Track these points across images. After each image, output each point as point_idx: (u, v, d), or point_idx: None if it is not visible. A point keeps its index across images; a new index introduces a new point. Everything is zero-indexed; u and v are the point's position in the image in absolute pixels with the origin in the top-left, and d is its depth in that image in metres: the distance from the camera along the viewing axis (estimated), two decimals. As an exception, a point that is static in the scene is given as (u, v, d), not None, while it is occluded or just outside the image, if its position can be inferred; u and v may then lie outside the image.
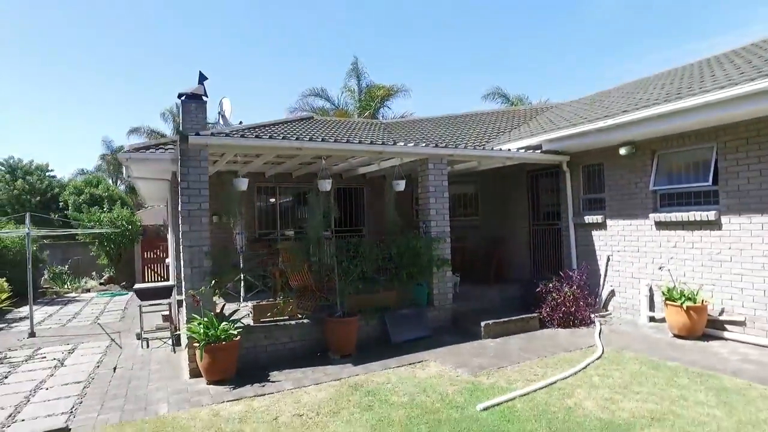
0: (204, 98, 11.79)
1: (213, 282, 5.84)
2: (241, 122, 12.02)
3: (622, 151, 7.61)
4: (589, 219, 8.47)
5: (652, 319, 7.38)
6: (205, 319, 5.47)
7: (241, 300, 7.94)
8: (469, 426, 3.99)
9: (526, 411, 4.25)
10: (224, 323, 5.53)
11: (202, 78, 12.07)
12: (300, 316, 6.46)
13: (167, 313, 8.72)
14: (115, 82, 56.86)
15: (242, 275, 7.82)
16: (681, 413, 4.08)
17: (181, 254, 5.82)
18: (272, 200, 10.51)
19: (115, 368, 6.32)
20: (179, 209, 5.81)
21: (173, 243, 9.89)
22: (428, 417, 4.21)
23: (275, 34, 55.31)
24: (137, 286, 8.93)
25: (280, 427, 4.16)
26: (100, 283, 16.50)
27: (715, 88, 6.00)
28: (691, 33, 47.54)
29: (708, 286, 6.70)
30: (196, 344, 5.36)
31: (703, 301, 6.49)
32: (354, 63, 23.37)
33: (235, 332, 5.51)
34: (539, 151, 8.51)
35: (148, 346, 7.46)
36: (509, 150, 8.62)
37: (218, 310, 5.92)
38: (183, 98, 11.61)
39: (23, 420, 4.66)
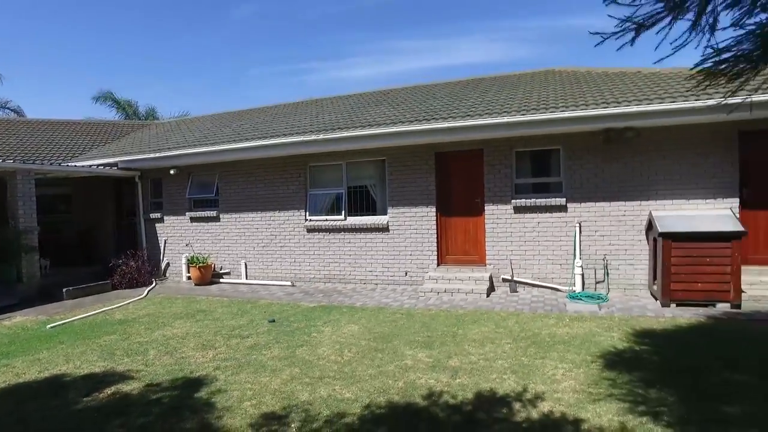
0: None
1: None
2: None
3: (171, 171, 11.82)
4: (153, 216, 12.46)
5: (189, 278, 11.90)
6: None
7: None
8: (38, 335, 7.23)
9: (79, 324, 7.79)
10: None
11: None
12: None
13: None
14: None
15: None
16: (163, 312, 8.43)
17: None
18: None
19: None
20: None
21: None
22: (14, 336, 7.23)
23: None
24: None
25: None
26: None
27: (219, 143, 10.85)
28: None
29: (215, 254, 11.66)
30: None
31: (210, 262, 11.38)
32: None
33: None
34: (116, 167, 11.93)
35: None
36: (91, 166, 11.73)
37: None
38: None
39: None
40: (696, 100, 7.15)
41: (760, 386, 4.36)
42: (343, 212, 10.31)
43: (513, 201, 8.94)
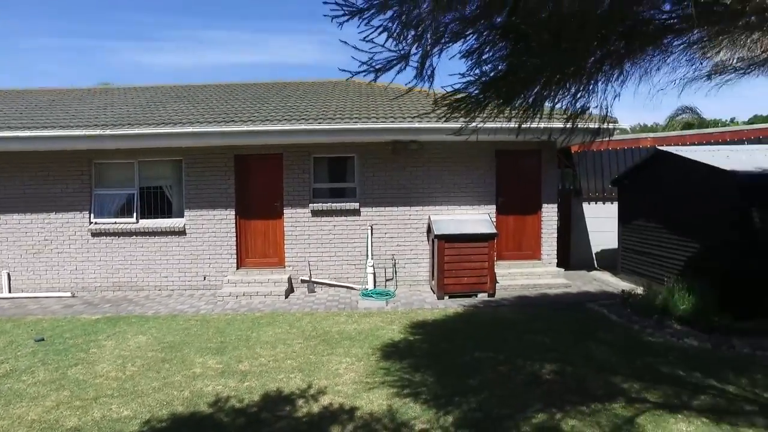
0: None
1: None
2: None
3: None
4: None
5: (-73, 293, 9.70)
6: None
7: None
8: None
9: None
10: None
11: None
12: None
13: None
14: None
15: None
16: None
17: None
18: None
19: None
20: None
21: None
22: None
23: None
24: None
25: None
26: None
27: None
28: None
29: (-34, 264, 9.71)
30: None
31: (-42, 274, 9.43)
32: None
33: None
34: None
35: None
36: None
37: None
38: None
39: None
40: (447, 122, 8.31)
41: (495, 359, 5.42)
42: (135, 214, 9.50)
43: (311, 205, 9.33)
